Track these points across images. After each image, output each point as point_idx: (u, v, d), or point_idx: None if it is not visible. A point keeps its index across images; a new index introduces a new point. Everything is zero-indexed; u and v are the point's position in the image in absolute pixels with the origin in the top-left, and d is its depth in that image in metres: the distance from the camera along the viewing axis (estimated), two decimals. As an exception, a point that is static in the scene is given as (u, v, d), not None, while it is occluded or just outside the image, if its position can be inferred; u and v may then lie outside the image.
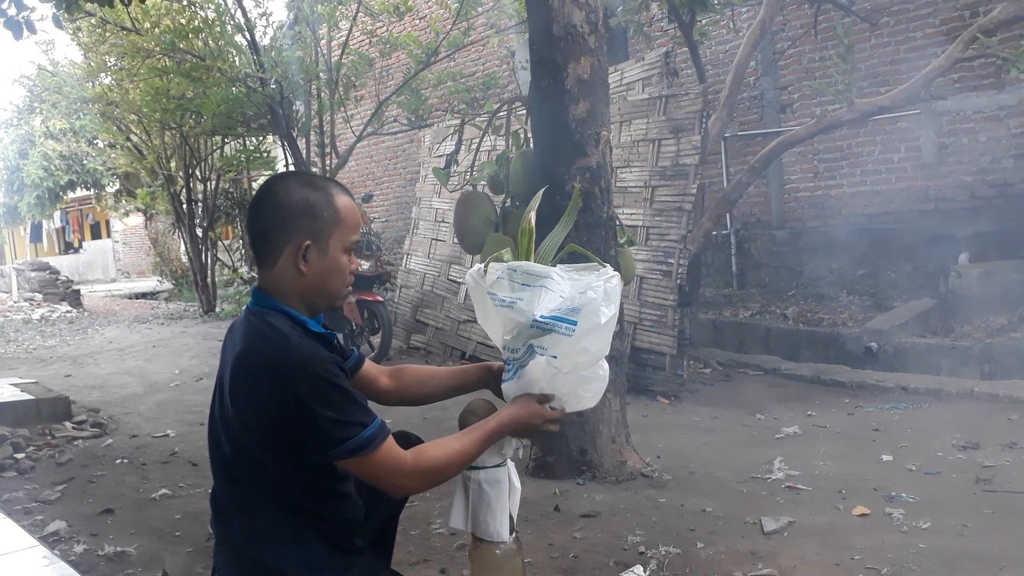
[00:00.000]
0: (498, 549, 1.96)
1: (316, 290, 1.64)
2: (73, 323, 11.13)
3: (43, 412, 4.68)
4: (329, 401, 1.51)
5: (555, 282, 1.85)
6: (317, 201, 1.62)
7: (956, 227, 6.69)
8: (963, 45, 4.96)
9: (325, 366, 1.53)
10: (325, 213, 1.62)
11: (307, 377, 1.50)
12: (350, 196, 1.70)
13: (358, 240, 1.69)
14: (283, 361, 1.52)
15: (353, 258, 1.70)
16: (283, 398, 1.50)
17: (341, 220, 1.63)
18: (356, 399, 1.57)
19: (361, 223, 1.73)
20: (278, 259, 1.61)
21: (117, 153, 13.47)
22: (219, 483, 1.66)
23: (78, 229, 29.76)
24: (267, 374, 1.52)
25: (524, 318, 1.82)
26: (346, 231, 1.64)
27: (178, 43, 8.58)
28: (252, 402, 1.55)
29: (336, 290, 1.67)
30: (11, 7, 4.37)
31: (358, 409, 1.55)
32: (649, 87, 5.64)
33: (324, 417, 1.50)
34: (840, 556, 2.47)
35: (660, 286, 5.09)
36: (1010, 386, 4.52)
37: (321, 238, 1.62)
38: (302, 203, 1.61)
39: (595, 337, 1.80)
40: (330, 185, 1.68)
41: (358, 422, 1.53)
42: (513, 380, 1.91)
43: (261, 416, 1.53)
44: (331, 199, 1.63)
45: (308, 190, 1.63)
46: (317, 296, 1.65)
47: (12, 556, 2.47)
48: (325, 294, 1.66)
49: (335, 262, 1.64)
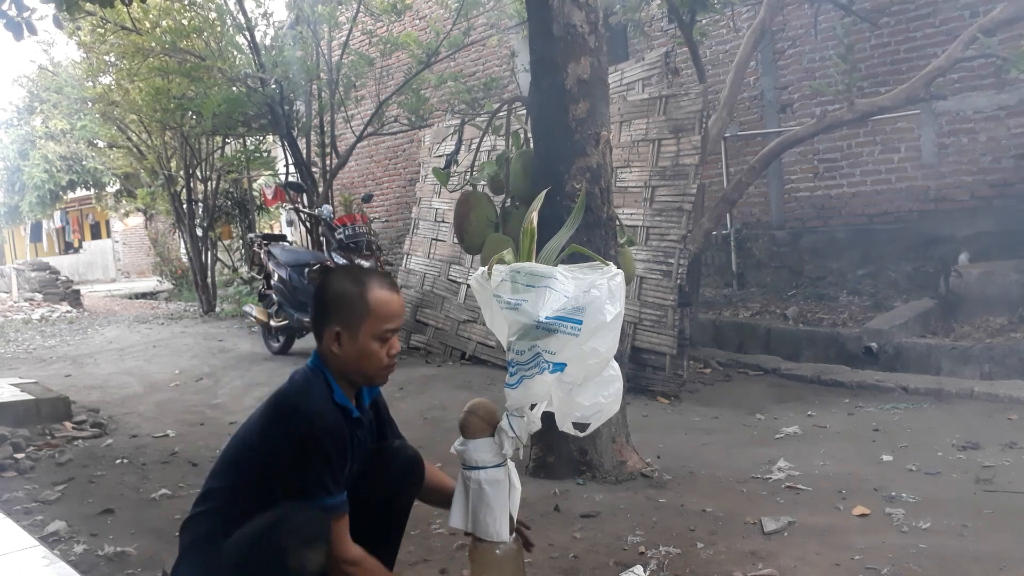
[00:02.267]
0: (498, 549, 1.97)
1: (351, 369, 1.90)
2: (73, 323, 11.13)
3: (43, 412, 4.68)
4: (311, 460, 1.78)
5: (559, 282, 1.86)
6: (350, 294, 1.87)
7: (956, 227, 6.69)
8: (963, 45, 4.97)
9: (328, 430, 1.80)
10: (356, 305, 1.87)
11: (311, 429, 1.78)
12: (390, 289, 1.90)
13: (394, 328, 1.89)
14: (301, 409, 1.82)
15: (393, 342, 1.90)
16: (288, 435, 1.79)
17: (371, 312, 1.86)
18: (332, 471, 1.80)
19: (401, 313, 1.92)
20: (321, 338, 1.90)
21: (117, 153, 13.47)
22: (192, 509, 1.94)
23: (78, 229, 29.76)
24: (285, 413, 1.83)
25: (529, 320, 1.84)
26: (376, 321, 1.86)
27: (178, 43, 8.59)
28: (264, 430, 1.85)
29: (371, 371, 1.91)
30: (11, 8, 4.37)
31: (330, 479, 1.79)
32: (649, 87, 5.63)
33: (304, 468, 1.78)
34: (840, 556, 2.47)
35: (660, 286, 5.09)
36: (1010, 386, 4.52)
37: (351, 327, 1.87)
38: (339, 295, 1.88)
39: (603, 336, 1.82)
40: (370, 279, 1.90)
41: (324, 489, 1.78)
42: (517, 389, 1.92)
43: (264, 443, 1.83)
44: (364, 293, 1.87)
45: (348, 283, 1.89)
46: (352, 374, 1.91)
47: (12, 556, 2.47)
48: (360, 374, 1.91)
49: (365, 348, 1.87)
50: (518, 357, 1.91)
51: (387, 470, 2.02)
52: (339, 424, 1.84)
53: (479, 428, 1.98)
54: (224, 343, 8.07)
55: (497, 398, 2.08)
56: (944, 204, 6.91)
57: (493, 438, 1.98)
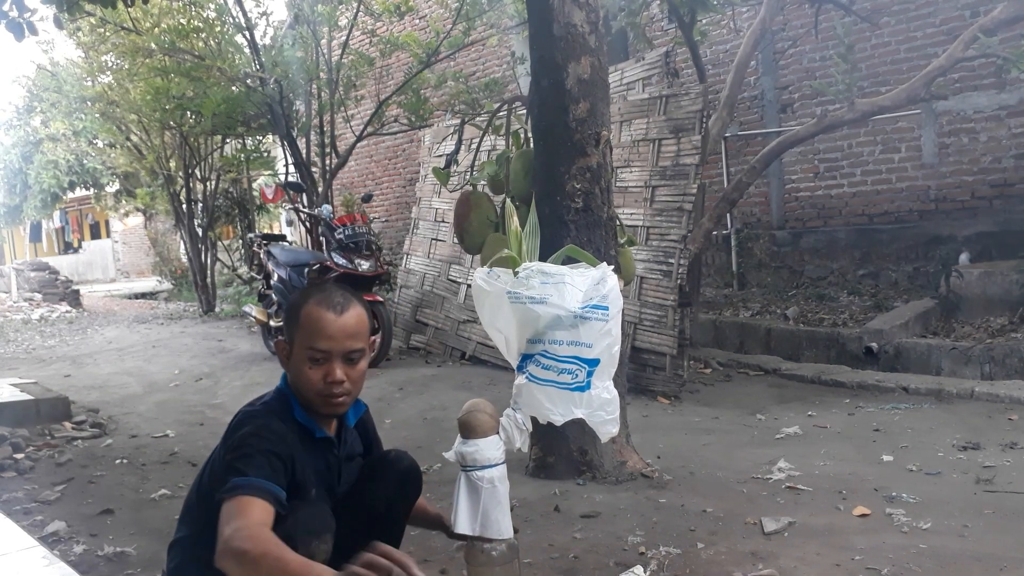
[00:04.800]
0: (495, 550, 1.95)
1: (298, 389, 1.79)
2: (72, 323, 11.13)
3: (42, 412, 4.68)
4: (242, 453, 1.63)
5: (570, 277, 1.97)
6: (294, 305, 1.79)
7: (956, 227, 6.69)
8: (963, 45, 4.96)
9: (265, 432, 1.66)
10: (292, 316, 1.78)
11: (247, 430, 1.67)
12: (332, 309, 1.74)
13: (323, 351, 1.73)
14: (246, 416, 1.74)
15: (331, 369, 1.74)
16: (228, 440, 1.70)
17: (300, 325, 1.75)
18: (266, 461, 1.61)
19: (337, 336, 1.75)
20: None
21: (117, 153, 13.47)
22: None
23: (78, 229, 29.75)
24: (233, 425, 1.74)
25: (563, 311, 1.95)
26: (305, 336, 1.74)
27: (178, 43, 8.59)
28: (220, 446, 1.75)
29: (308, 395, 1.76)
30: (12, 9, 4.37)
31: (254, 467, 1.59)
32: (649, 87, 5.63)
33: (227, 458, 1.64)
34: (840, 556, 2.47)
35: (660, 286, 5.08)
36: (1011, 386, 4.51)
37: (289, 339, 1.79)
38: (288, 305, 1.82)
39: (616, 321, 1.98)
40: (317, 295, 1.78)
41: (237, 471, 1.59)
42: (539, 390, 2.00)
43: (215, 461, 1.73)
44: (302, 305, 1.76)
45: (300, 295, 1.81)
46: (302, 394, 1.78)
47: (12, 556, 2.47)
48: (303, 396, 1.78)
49: (297, 366, 1.76)
50: (534, 348, 1.97)
51: (385, 479, 1.97)
52: (284, 433, 1.70)
53: (489, 425, 1.97)
54: (224, 343, 8.07)
55: (497, 398, 2.08)
56: (944, 204, 6.91)
57: (499, 435, 1.97)
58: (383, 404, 5.07)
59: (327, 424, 1.85)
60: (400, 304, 7.34)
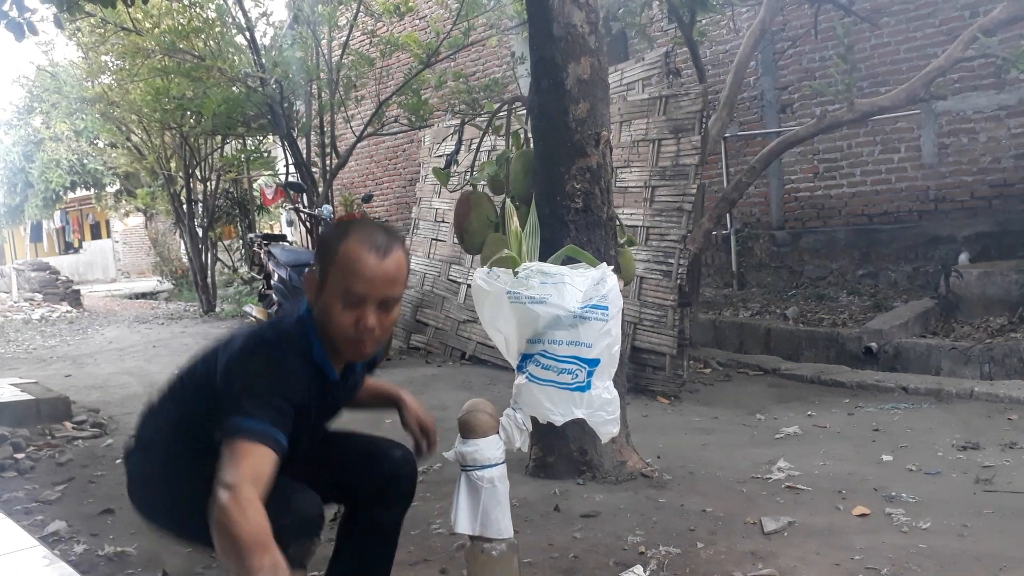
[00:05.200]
0: (495, 550, 1.96)
1: (324, 328, 1.66)
2: (73, 323, 11.13)
3: (43, 412, 4.68)
4: (252, 392, 1.55)
5: (570, 277, 1.97)
6: (328, 238, 1.67)
7: (956, 227, 6.70)
8: (963, 45, 4.96)
9: (276, 372, 1.59)
10: (327, 250, 1.64)
11: (257, 368, 1.59)
12: (373, 250, 1.61)
13: (360, 294, 1.60)
14: (257, 345, 1.65)
15: (364, 314, 1.61)
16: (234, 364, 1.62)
17: (336, 262, 1.61)
18: (276, 406, 1.55)
19: (377, 279, 1.61)
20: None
21: (117, 153, 13.48)
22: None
23: (78, 229, 29.77)
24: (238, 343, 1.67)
25: (563, 311, 1.95)
26: (340, 275, 1.61)
27: (178, 43, 8.59)
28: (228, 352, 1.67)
29: (337, 338, 1.65)
30: (12, 9, 4.38)
31: (262, 410, 1.53)
32: (649, 87, 5.63)
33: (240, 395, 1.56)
34: (840, 556, 2.47)
35: (660, 286, 5.09)
36: (1010, 386, 4.52)
37: (322, 274, 1.65)
38: (322, 237, 1.70)
39: (616, 321, 1.98)
40: (357, 231, 1.65)
41: (249, 413, 1.52)
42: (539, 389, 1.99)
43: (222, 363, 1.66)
44: (340, 239, 1.62)
45: (337, 228, 1.69)
46: (327, 334, 1.67)
47: (12, 556, 2.47)
48: (330, 337, 1.67)
49: (328, 305, 1.63)
50: (534, 348, 1.97)
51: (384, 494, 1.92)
52: (298, 375, 1.63)
53: (489, 425, 1.98)
54: (224, 343, 8.06)
55: (497, 398, 2.08)
56: (944, 204, 6.92)
57: (499, 435, 1.98)
58: (383, 404, 5.07)
59: (339, 364, 1.77)
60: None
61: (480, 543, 1.97)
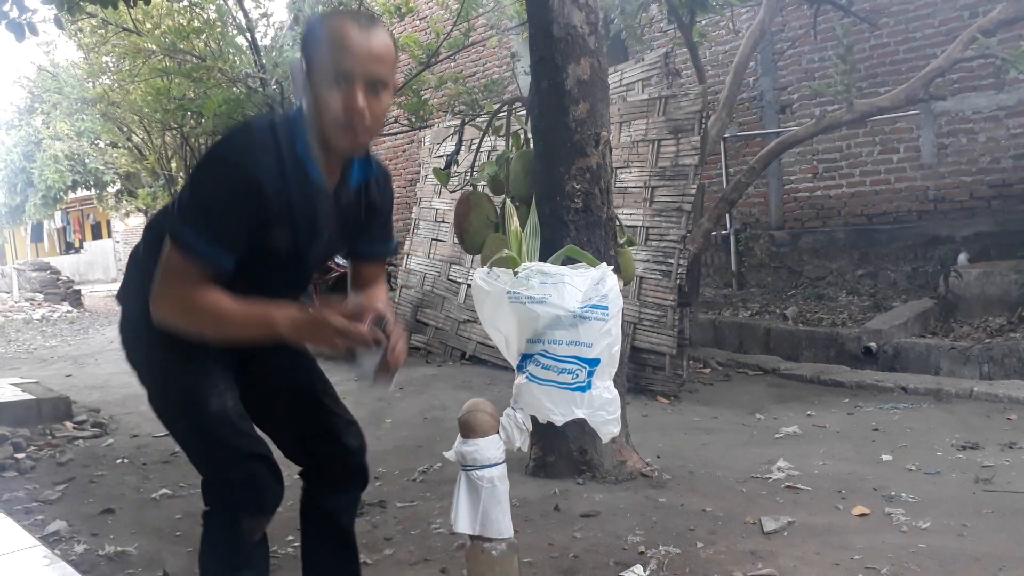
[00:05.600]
0: (495, 550, 1.97)
1: (314, 121, 1.56)
2: (74, 323, 11.14)
3: (44, 412, 4.69)
4: (201, 199, 1.54)
5: (570, 278, 1.98)
6: (314, 20, 1.58)
7: (955, 227, 6.70)
8: (962, 45, 4.97)
9: (239, 159, 1.52)
10: (315, 31, 1.54)
11: (221, 152, 1.56)
12: (360, 26, 1.52)
13: (347, 70, 1.50)
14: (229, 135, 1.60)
15: (352, 95, 1.51)
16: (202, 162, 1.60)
17: (321, 39, 1.51)
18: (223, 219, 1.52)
19: (363, 55, 1.51)
20: None
21: (118, 153, 13.49)
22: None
23: (79, 229, 29.79)
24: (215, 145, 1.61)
25: (563, 311, 1.95)
26: (326, 51, 1.51)
27: (179, 44, 8.61)
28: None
29: (324, 123, 1.54)
30: (13, 9, 4.39)
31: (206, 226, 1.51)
32: (649, 88, 5.64)
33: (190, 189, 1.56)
34: (840, 556, 2.48)
35: (660, 286, 5.09)
36: (1009, 386, 4.52)
37: (307, 59, 1.55)
38: (309, 22, 1.59)
39: (616, 321, 1.97)
40: (346, 14, 1.60)
41: (191, 226, 1.52)
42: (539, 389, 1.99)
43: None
44: (326, 18, 1.56)
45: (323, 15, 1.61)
46: (318, 128, 1.56)
47: (12, 556, 2.47)
48: (321, 130, 1.56)
49: (316, 90, 1.53)
50: (553, 348, 1.98)
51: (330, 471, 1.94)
52: (264, 166, 1.53)
53: (489, 425, 1.98)
54: (224, 343, 8.07)
55: (497, 398, 2.09)
56: (943, 204, 6.92)
57: (499, 435, 1.98)
58: (383, 404, 5.08)
59: (329, 169, 1.65)
60: (401, 304, 7.35)
61: (480, 543, 1.97)
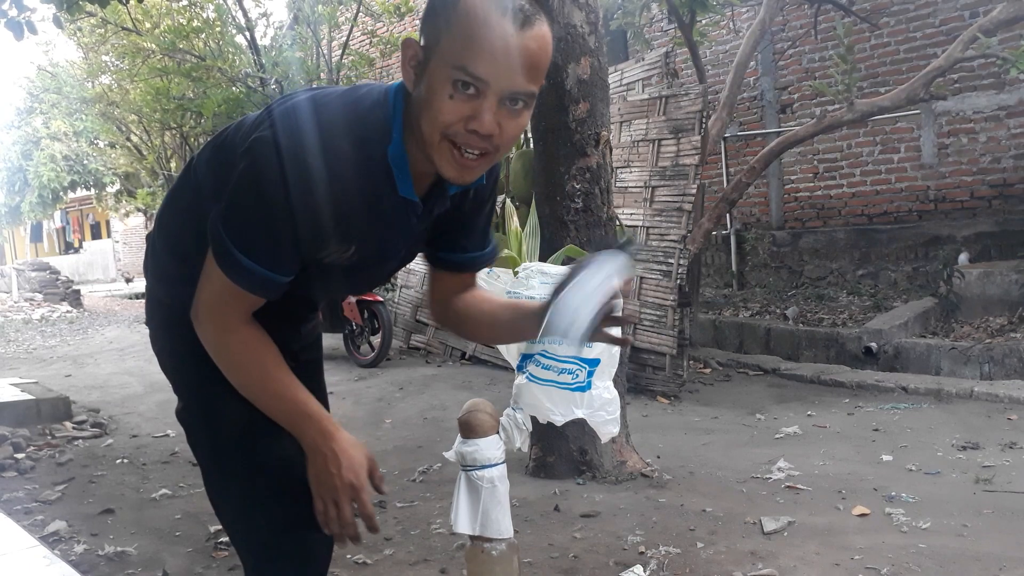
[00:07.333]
0: (495, 550, 1.96)
1: (418, 122, 1.13)
2: (73, 323, 11.14)
3: (43, 412, 4.69)
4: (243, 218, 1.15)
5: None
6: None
7: (956, 227, 6.70)
8: (963, 45, 4.96)
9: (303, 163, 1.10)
10: (442, 10, 1.10)
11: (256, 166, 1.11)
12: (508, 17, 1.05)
13: (475, 76, 1.06)
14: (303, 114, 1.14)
15: (481, 109, 1.07)
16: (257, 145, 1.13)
17: (451, 27, 1.07)
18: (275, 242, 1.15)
19: (506, 60, 1.06)
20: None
21: (117, 153, 13.49)
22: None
23: (78, 229, 29.79)
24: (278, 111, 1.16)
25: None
26: (453, 44, 1.07)
27: (178, 43, 8.61)
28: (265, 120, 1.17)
29: (426, 131, 1.11)
30: (12, 8, 4.38)
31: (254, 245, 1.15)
32: (649, 87, 5.63)
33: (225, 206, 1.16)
34: (840, 556, 2.48)
35: (660, 286, 5.09)
36: (1010, 386, 4.52)
37: (427, 45, 1.11)
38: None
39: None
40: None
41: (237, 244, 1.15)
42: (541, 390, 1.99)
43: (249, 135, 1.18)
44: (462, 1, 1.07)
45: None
46: (419, 134, 1.14)
47: (12, 556, 2.47)
48: (422, 137, 1.13)
49: (431, 86, 1.09)
50: (553, 348, 1.97)
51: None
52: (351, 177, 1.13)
53: (490, 425, 1.98)
54: (224, 343, 8.06)
55: (497, 398, 2.09)
56: (944, 204, 6.92)
57: (499, 435, 1.98)
58: (383, 404, 5.07)
59: (422, 175, 1.21)
60: (400, 304, 7.35)
61: (480, 543, 1.97)
